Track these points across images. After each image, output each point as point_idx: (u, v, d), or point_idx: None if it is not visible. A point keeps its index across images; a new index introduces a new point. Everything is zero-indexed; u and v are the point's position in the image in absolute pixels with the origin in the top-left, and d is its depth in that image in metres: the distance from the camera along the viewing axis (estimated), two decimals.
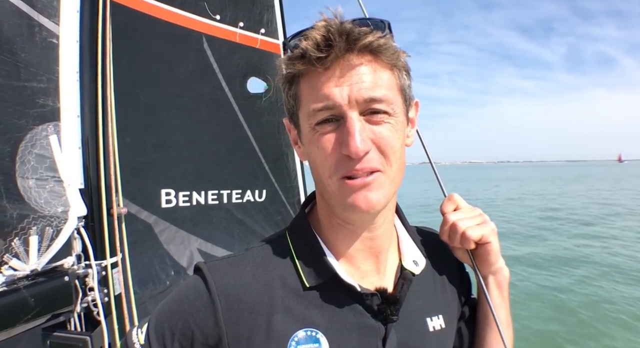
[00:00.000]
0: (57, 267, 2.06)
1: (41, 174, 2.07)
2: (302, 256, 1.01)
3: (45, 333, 2.05)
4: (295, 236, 1.06)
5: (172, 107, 3.01)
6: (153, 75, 2.89)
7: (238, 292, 0.95)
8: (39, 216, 2.01)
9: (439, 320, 1.09)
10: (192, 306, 0.95)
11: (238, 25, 3.32)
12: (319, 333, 0.94)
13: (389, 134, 0.92)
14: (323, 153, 0.92)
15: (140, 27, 2.79)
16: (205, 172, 3.18)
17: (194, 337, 0.93)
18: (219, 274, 0.97)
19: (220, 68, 3.26)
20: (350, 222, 1.00)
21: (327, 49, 0.87)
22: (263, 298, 0.95)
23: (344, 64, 0.88)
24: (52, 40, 2.21)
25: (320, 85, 0.89)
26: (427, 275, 1.13)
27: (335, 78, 0.88)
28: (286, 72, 0.95)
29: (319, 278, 0.98)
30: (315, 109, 0.90)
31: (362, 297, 0.98)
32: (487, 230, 1.12)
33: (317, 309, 0.96)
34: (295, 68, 0.92)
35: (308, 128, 0.94)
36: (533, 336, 7.74)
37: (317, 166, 0.95)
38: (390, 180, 0.95)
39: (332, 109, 0.89)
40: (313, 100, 0.91)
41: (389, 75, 0.93)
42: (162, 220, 2.92)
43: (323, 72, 0.89)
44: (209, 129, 3.23)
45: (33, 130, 2.08)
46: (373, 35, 0.88)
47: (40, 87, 2.14)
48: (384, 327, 0.98)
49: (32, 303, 1.86)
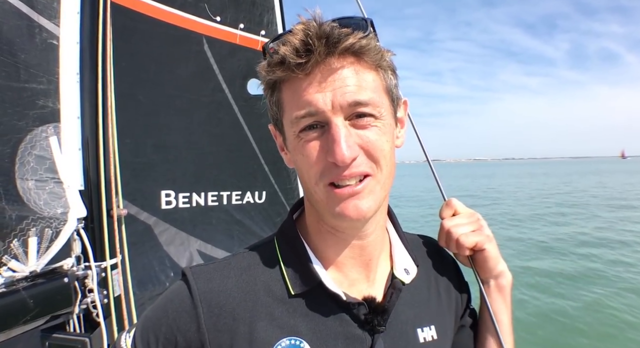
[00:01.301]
0: (56, 268, 2.05)
1: (41, 175, 2.06)
2: (288, 262, 0.99)
3: (44, 334, 2.04)
4: (283, 242, 1.04)
5: (172, 108, 3.01)
6: (153, 77, 2.89)
7: (220, 298, 0.94)
8: (38, 217, 2.01)
9: (431, 331, 1.06)
10: (175, 312, 0.94)
11: (238, 27, 3.32)
12: (303, 342, 0.92)
13: (376, 138, 0.89)
14: (308, 160, 0.89)
15: (141, 28, 2.79)
16: (205, 173, 3.18)
17: (177, 343, 0.92)
18: (203, 280, 0.96)
19: (220, 69, 3.26)
20: (340, 230, 0.98)
21: (306, 54, 0.83)
22: (246, 304, 0.93)
23: (325, 68, 0.85)
24: (53, 42, 2.21)
25: (302, 91, 0.86)
26: (421, 284, 1.11)
27: (316, 83, 0.85)
28: (267, 79, 0.92)
29: (304, 285, 0.96)
30: (298, 116, 0.87)
31: (349, 306, 0.96)
32: (482, 237, 1.11)
33: (302, 317, 0.94)
34: (275, 75, 0.88)
35: (292, 135, 0.91)
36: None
37: (303, 173, 0.93)
38: (381, 185, 0.93)
39: (315, 115, 0.86)
40: (296, 107, 0.88)
41: (374, 76, 0.90)
42: (162, 222, 2.92)
43: (304, 78, 0.86)
44: (209, 130, 3.22)
45: (33, 132, 2.08)
46: (354, 36, 0.85)
47: (40, 89, 2.13)
48: (371, 338, 0.96)
49: (31, 304, 1.86)
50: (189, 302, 0.93)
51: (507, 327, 1.16)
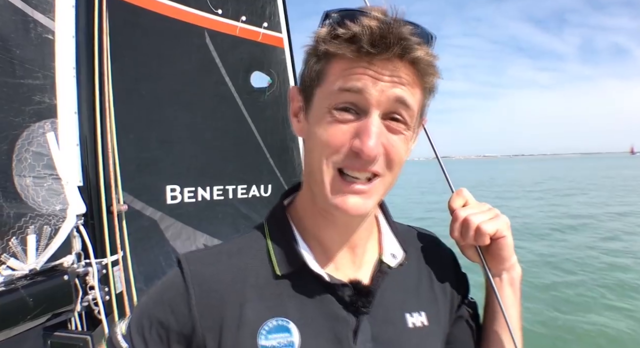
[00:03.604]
0: (56, 266, 2.03)
1: (39, 172, 2.04)
2: (276, 245, 1.01)
3: (46, 332, 2.02)
4: (272, 225, 1.06)
5: (176, 102, 2.98)
6: (156, 71, 2.87)
7: (212, 282, 0.96)
8: (36, 215, 1.98)
9: (421, 317, 1.07)
10: (169, 296, 0.96)
11: (240, 19, 3.27)
12: (290, 323, 0.94)
13: (400, 145, 0.92)
14: (332, 138, 0.89)
15: (142, 23, 2.76)
16: (210, 168, 3.15)
17: (169, 326, 0.94)
18: (195, 264, 0.98)
19: (223, 63, 3.22)
20: (330, 214, 0.98)
21: (380, 48, 0.84)
22: (236, 287, 0.96)
23: (389, 65, 0.86)
24: (48, 36, 2.18)
25: (356, 72, 0.86)
26: (412, 271, 1.12)
27: (372, 72, 0.86)
28: (323, 48, 0.90)
29: (290, 267, 0.98)
30: (342, 88, 0.87)
31: (334, 287, 0.97)
32: (502, 224, 1.07)
33: (289, 298, 0.96)
34: (337, 48, 0.87)
35: (325, 109, 0.90)
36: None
37: (316, 148, 0.92)
38: (386, 186, 0.96)
39: (359, 95, 0.86)
40: (343, 81, 0.87)
41: (420, 92, 0.93)
42: (167, 217, 2.90)
43: (364, 63, 0.86)
44: (213, 124, 3.19)
45: (30, 128, 2.05)
46: (425, 50, 0.87)
47: (37, 84, 2.11)
48: (356, 319, 0.97)
49: (32, 303, 1.84)
50: (182, 286, 0.95)
51: (516, 322, 1.12)
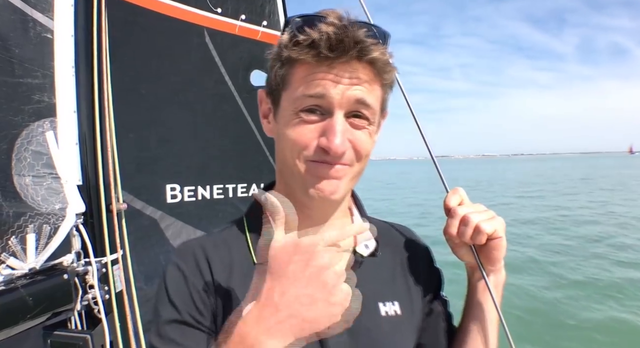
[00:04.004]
0: (56, 265, 2.02)
1: (38, 171, 2.04)
2: (253, 236, 1.09)
3: (46, 332, 2.01)
4: (250, 219, 1.14)
5: (176, 101, 2.98)
6: (155, 70, 2.86)
7: (207, 269, 1.05)
8: (35, 214, 1.98)
9: (394, 306, 1.13)
10: (189, 266, 1.05)
11: (239, 18, 3.26)
12: None
13: (365, 138, 1.01)
14: (300, 137, 0.98)
15: (141, 22, 2.75)
16: (210, 167, 3.14)
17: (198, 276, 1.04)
18: (191, 245, 1.10)
19: (222, 61, 3.21)
20: (307, 207, 1.05)
21: (338, 52, 0.91)
22: (224, 274, 1.04)
23: (348, 68, 0.93)
24: (47, 35, 2.17)
25: (317, 76, 0.94)
26: (386, 263, 1.18)
27: (333, 75, 0.93)
28: (285, 54, 0.97)
29: (266, 256, 0.99)
30: (306, 94, 0.94)
31: None
32: (499, 225, 1.09)
33: None
34: (297, 54, 0.94)
35: (291, 111, 0.98)
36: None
37: (287, 146, 1.01)
38: (354, 176, 1.05)
39: (322, 99, 0.94)
40: (306, 87, 0.95)
41: (379, 88, 1.01)
42: (167, 216, 2.90)
43: (319, 66, 0.94)
44: (213, 123, 3.18)
45: (29, 127, 2.05)
46: (381, 50, 0.95)
47: (36, 83, 2.10)
48: None
49: (31, 302, 1.83)
50: (202, 259, 1.05)
51: (494, 326, 1.16)
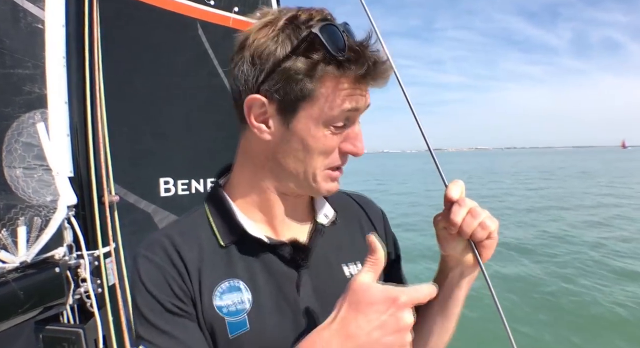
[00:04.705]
0: (47, 258, 2.00)
1: (29, 163, 2.00)
2: (216, 219, 1.13)
3: (37, 326, 1.99)
4: (211, 203, 1.17)
5: (169, 94, 2.93)
6: (148, 63, 2.82)
7: (174, 252, 1.06)
8: (26, 206, 1.95)
9: (357, 267, 1.20)
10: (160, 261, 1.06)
11: (233, 10, 3.23)
12: (240, 283, 1.06)
13: None
14: (329, 149, 1.05)
15: (133, 14, 2.71)
16: (204, 160, 3.10)
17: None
18: (161, 247, 1.08)
19: (215, 54, 3.17)
20: (288, 195, 1.14)
21: (372, 74, 0.99)
22: (195, 256, 1.06)
23: (367, 84, 1.02)
24: (38, 26, 2.13)
25: (351, 94, 1.00)
26: (346, 228, 1.26)
27: (361, 91, 1.01)
28: (323, 69, 0.98)
29: (232, 236, 1.10)
30: (344, 110, 1.00)
31: (275, 248, 1.10)
32: (496, 224, 1.06)
33: (237, 263, 1.08)
34: (334, 68, 0.97)
35: (320, 123, 1.02)
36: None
37: (309, 155, 1.04)
38: None
39: (357, 112, 1.04)
40: (343, 102, 1.00)
41: None
42: (161, 209, 2.86)
43: (353, 84, 1.00)
44: (207, 116, 3.14)
45: (19, 118, 2.01)
46: (390, 71, 1.04)
47: (27, 74, 2.07)
48: (297, 273, 1.10)
49: (23, 296, 1.80)
50: (176, 256, 1.06)
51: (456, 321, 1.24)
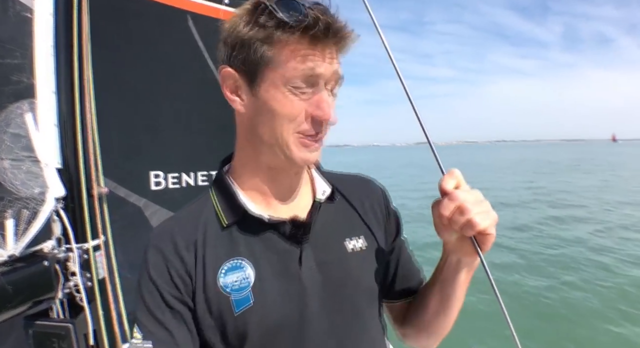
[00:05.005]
0: (36, 251, 1.95)
1: (16, 154, 1.96)
2: (221, 202, 1.19)
3: (27, 322, 1.94)
4: (216, 187, 1.24)
5: (159, 87, 2.90)
6: (139, 56, 2.78)
7: (183, 244, 1.13)
8: (14, 198, 1.90)
9: (359, 241, 1.25)
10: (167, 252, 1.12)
11: (223, 2, 3.20)
12: (243, 261, 1.11)
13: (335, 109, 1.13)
14: (292, 111, 1.06)
15: (123, 6, 2.67)
16: (195, 153, 3.08)
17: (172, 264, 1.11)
18: (166, 226, 1.19)
19: (206, 47, 3.14)
20: (279, 171, 1.19)
21: (327, 35, 1.02)
22: (198, 238, 1.13)
23: (328, 48, 1.05)
24: (26, 14, 2.09)
25: (305, 54, 1.02)
26: (345, 204, 1.30)
27: (319, 53, 1.03)
28: (276, 35, 1.02)
29: (234, 216, 1.16)
30: (297, 69, 1.03)
31: (276, 225, 1.15)
32: (492, 221, 1.02)
33: (239, 242, 1.14)
34: (288, 35, 1.02)
35: (280, 86, 1.05)
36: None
37: (277, 121, 1.08)
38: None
39: (312, 74, 1.04)
40: (297, 63, 1.03)
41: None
42: (152, 203, 2.83)
43: (307, 46, 1.02)
44: (197, 109, 3.11)
45: (7, 109, 1.96)
46: (352, 36, 1.07)
47: (15, 63, 2.02)
48: (299, 249, 1.15)
49: (11, 290, 1.76)
50: (176, 233, 1.14)
51: (458, 310, 1.27)
